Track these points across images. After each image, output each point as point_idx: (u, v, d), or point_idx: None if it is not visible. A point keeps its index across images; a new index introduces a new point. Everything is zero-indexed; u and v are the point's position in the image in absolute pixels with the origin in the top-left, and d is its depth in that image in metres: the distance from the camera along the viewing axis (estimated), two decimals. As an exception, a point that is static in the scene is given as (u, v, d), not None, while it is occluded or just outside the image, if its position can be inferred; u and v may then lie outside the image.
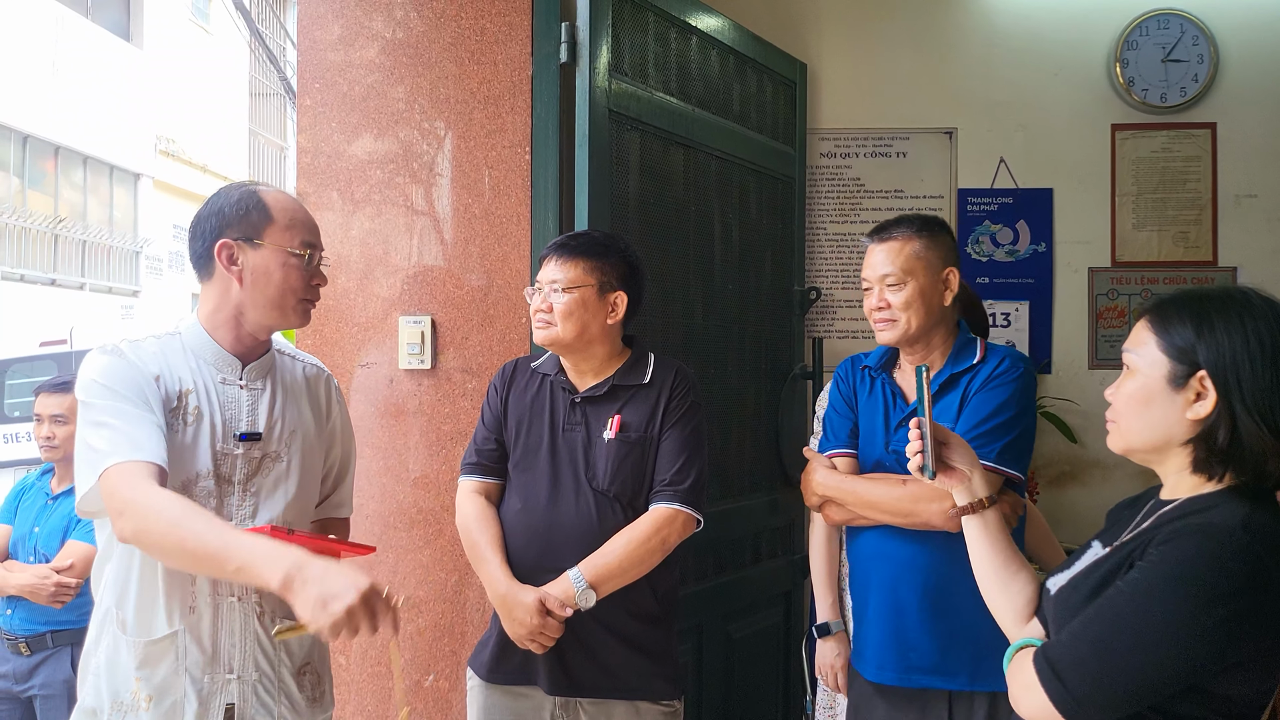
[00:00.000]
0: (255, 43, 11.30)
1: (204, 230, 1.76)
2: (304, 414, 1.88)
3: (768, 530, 3.25)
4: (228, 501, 1.75)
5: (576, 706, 2.07)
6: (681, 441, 2.09)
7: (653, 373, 2.14)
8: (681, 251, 2.88)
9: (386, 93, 2.67)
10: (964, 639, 2.01)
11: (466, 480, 2.17)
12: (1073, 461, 3.68)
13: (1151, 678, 1.22)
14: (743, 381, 3.16)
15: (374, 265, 2.67)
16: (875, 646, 2.11)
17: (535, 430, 2.13)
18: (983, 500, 1.54)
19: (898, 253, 2.06)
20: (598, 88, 2.55)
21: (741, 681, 3.08)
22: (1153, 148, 3.69)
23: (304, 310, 1.81)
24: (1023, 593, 1.51)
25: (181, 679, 1.71)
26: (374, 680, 2.62)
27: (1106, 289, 3.70)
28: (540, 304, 2.10)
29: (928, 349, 2.12)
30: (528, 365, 2.23)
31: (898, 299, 2.05)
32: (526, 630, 1.97)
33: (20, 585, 2.95)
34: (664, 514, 2.04)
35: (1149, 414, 1.34)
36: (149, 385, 1.69)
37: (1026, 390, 2.05)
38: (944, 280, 2.08)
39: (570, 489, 2.07)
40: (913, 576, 2.05)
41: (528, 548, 2.06)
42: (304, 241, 1.78)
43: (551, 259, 2.12)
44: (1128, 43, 3.65)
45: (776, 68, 3.36)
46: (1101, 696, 1.24)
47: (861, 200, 3.71)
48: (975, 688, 2.01)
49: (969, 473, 1.54)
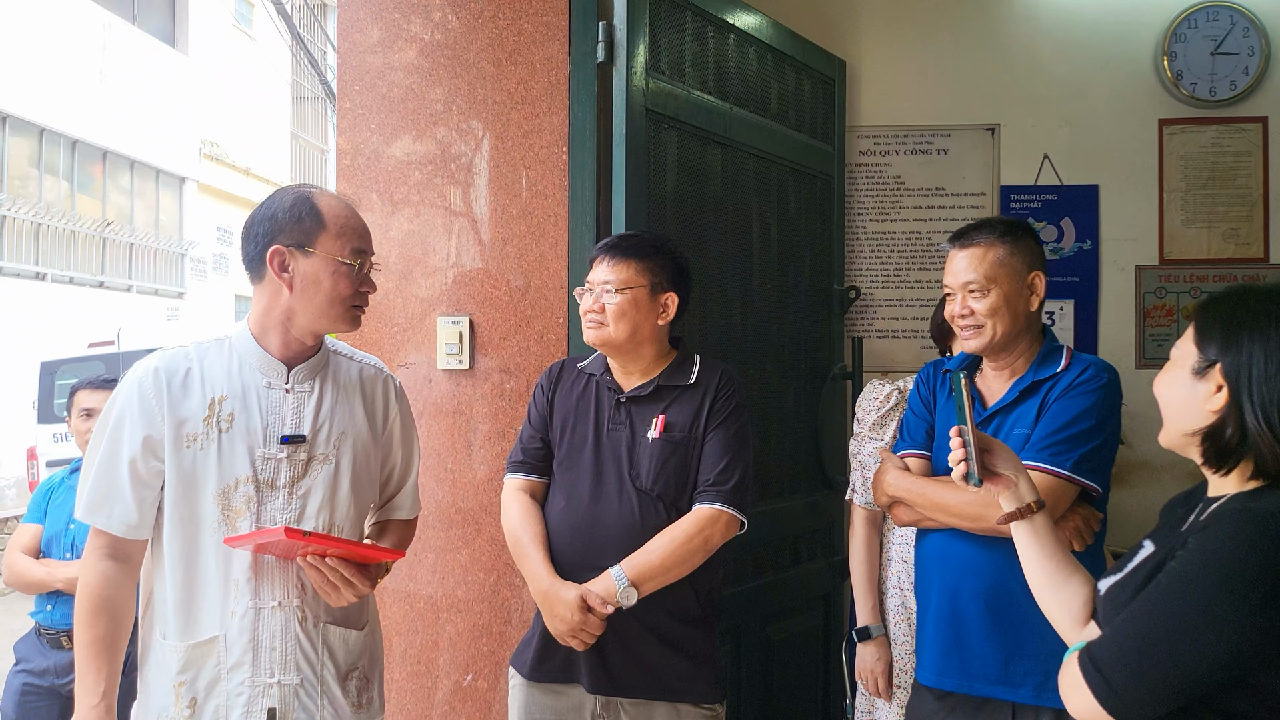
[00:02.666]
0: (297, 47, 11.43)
1: (257, 234, 1.77)
2: (356, 415, 1.88)
3: (807, 532, 3.22)
4: (271, 506, 1.76)
5: (618, 707, 2.06)
6: (726, 442, 2.07)
7: (698, 374, 2.13)
8: (719, 251, 2.86)
9: (425, 94, 2.68)
10: (1029, 650, 1.96)
11: (512, 478, 2.18)
12: (1118, 463, 3.55)
13: (1192, 668, 1.20)
14: (782, 382, 3.14)
15: (413, 266, 2.68)
16: (935, 652, 2.08)
17: (580, 429, 2.13)
18: (1030, 505, 1.52)
19: (980, 259, 2.01)
20: (635, 87, 2.54)
21: (780, 684, 3.05)
22: (1202, 143, 3.62)
23: (353, 316, 1.83)
24: (1077, 596, 1.49)
25: (223, 683, 1.72)
26: (414, 680, 2.63)
27: (1154, 287, 3.63)
28: (592, 304, 2.10)
29: (1012, 356, 2.07)
30: (574, 365, 2.23)
31: (982, 306, 2.00)
32: (568, 626, 1.97)
33: (69, 578, 3.01)
34: (707, 514, 2.03)
35: (1176, 401, 1.37)
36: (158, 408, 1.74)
37: (1110, 400, 1.98)
38: (1029, 285, 2.03)
39: (614, 488, 2.06)
40: (975, 581, 2.01)
41: (571, 545, 2.06)
42: (355, 249, 1.79)
43: (603, 259, 2.12)
44: (1176, 35, 3.58)
45: (815, 65, 3.33)
46: (1144, 690, 1.23)
47: (901, 198, 3.66)
48: (1041, 702, 1.95)
49: (1015, 478, 1.53)
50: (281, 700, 1.75)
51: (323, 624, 1.80)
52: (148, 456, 1.73)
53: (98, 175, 12.97)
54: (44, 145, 11.99)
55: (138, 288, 13.47)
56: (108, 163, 13.07)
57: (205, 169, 14.71)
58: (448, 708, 2.61)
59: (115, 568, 1.75)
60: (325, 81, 12.53)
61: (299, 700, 1.77)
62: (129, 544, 1.76)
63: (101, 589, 1.73)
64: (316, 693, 1.79)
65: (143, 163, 13.59)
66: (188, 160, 14.39)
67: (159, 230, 14.03)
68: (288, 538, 1.64)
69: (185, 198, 14.61)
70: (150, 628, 1.79)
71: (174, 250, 14.34)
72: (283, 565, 1.76)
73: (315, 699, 1.78)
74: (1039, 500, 1.53)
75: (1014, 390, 2.04)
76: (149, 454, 1.73)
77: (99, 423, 1.78)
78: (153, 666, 1.77)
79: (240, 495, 1.74)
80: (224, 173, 15.03)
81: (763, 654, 2.99)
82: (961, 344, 2.09)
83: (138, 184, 13.71)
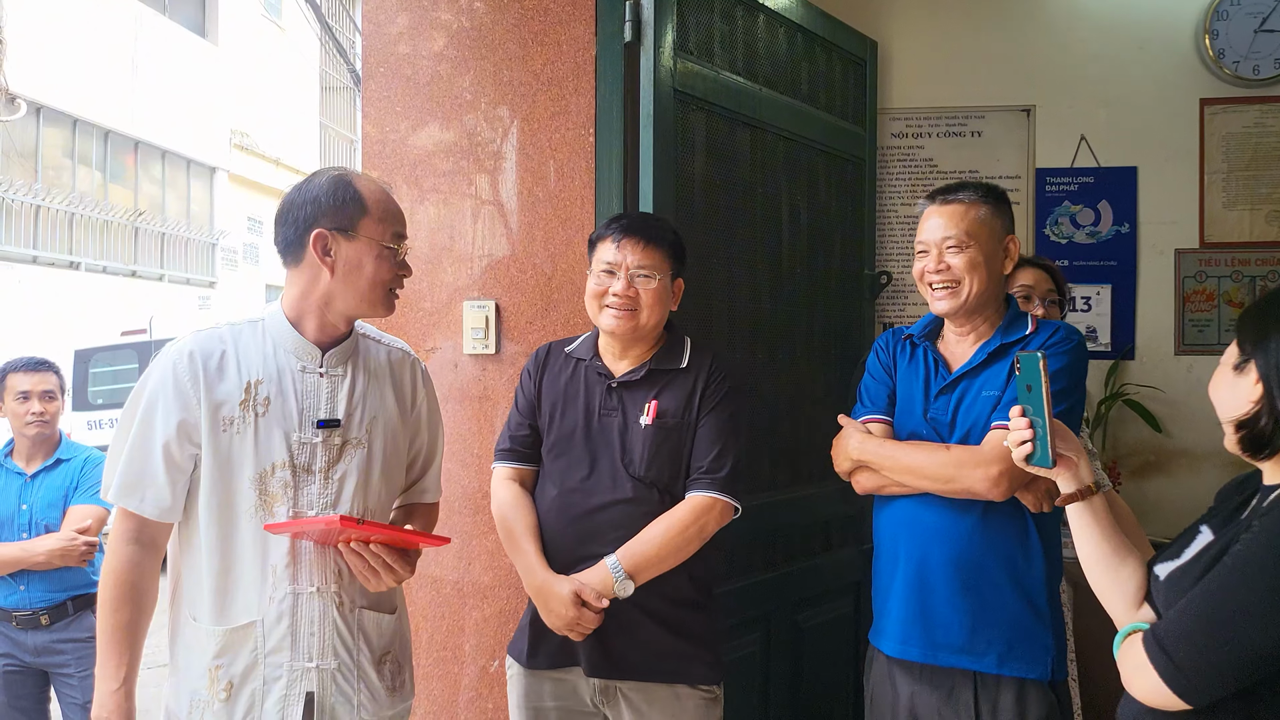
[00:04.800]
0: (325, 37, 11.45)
1: (297, 217, 1.75)
2: (386, 399, 1.87)
3: (838, 518, 3.18)
4: (307, 490, 1.75)
5: (616, 691, 2.04)
6: (719, 428, 2.04)
7: (689, 357, 2.10)
8: (748, 235, 2.82)
9: (453, 81, 2.66)
10: (994, 619, 1.95)
11: (500, 467, 2.15)
12: (1157, 451, 3.53)
13: (1258, 648, 1.23)
14: (812, 367, 3.09)
15: (440, 253, 2.67)
16: (899, 620, 2.05)
17: (570, 415, 2.10)
18: (1090, 486, 1.53)
19: (961, 216, 2.00)
20: (663, 67, 2.50)
21: (810, 672, 3.02)
22: (1244, 123, 3.53)
23: (390, 301, 1.82)
24: (1133, 579, 1.50)
25: (260, 667, 1.72)
26: (440, 665, 2.62)
27: (1194, 271, 3.54)
28: (622, 288, 2.03)
29: (978, 320, 2.05)
30: (561, 349, 2.19)
31: (959, 261, 1.98)
32: (563, 621, 1.95)
33: (51, 550, 3.05)
34: (702, 502, 2.01)
35: (1221, 397, 1.42)
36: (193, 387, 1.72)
37: (1080, 361, 1.98)
38: (1005, 248, 2.02)
39: (607, 475, 2.04)
40: (943, 548, 1.98)
41: (564, 534, 2.04)
42: (395, 234, 1.79)
43: (630, 241, 2.05)
44: (1217, 13, 3.49)
45: (846, 45, 3.28)
46: (1211, 670, 1.26)
47: (934, 181, 3.60)
48: (1003, 671, 1.94)
49: (1076, 459, 1.54)
50: (320, 684, 1.75)
51: (359, 609, 1.81)
52: (182, 440, 1.72)
53: (130, 165, 13.11)
54: (77, 136, 12.13)
55: (169, 277, 13.62)
56: (140, 153, 13.20)
57: (236, 159, 14.83)
58: (474, 693, 2.60)
59: (141, 552, 1.75)
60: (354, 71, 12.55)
61: (336, 684, 1.77)
62: (156, 528, 1.76)
63: (127, 574, 1.73)
64: (354, 676, 1.79)
65: (174, 153, 13.72)
66: (218, 150, 14.51)
67: (190, 220, 14.17)
68: (341, 525, 1.64)
69: (216, 187, 14.75)
70: (179, 610, 1.78)
71: (205, 240, 14.48)
72: (320, 551, 1.76)
73: (352, 683, 1.79)
74: (1099, 482, 1.54)
75: (981, 352, 2.01)
76: (184, 438, 1.72)
77: (128, 404, 1.77)
78: (183, 648, 1.77)
79: (277, 480, 1.73)
80: (254, 163, 15.15)
81: (793, 641, 2.96)
82: (932, 304, 2.05)
83: (169, 174, 13.85)
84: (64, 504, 3.20)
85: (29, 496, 3.19)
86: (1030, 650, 1.94)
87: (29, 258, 11.32)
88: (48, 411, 3.24)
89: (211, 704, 1.72)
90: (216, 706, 1.72)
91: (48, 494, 3.20)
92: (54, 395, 3.27)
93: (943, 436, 2.02)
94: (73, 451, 3.33)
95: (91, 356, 8.97)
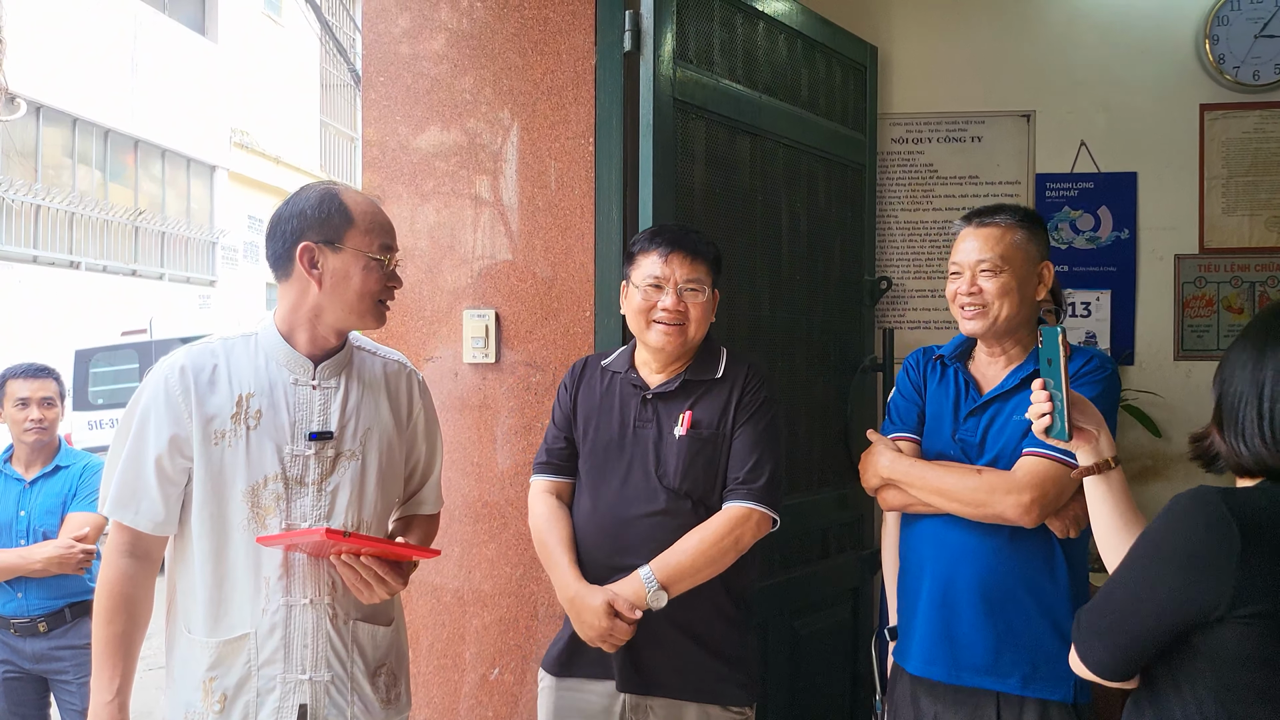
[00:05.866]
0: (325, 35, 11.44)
1: (284, 231, 1.76)
2: (381, 411, 1.87)
3: (836, 525, 3.19)
4: (300, 503, 1.75)
5: (647, 710, 2.03)
6: (755, 438, 2.03)
7: (725, 368, 2.09)
8: (748, 241, 2.82)
9: (452, 84, 2.66)
10: (1019, 640, 1.95)
11: (538, 480, 2.16)
12: (1155, 456, 3.53)
13: (1136, 627, 1.32)
14: (811, 374, 3.10)
15: (440, 259, 2.67)
16: (923, 640, 2.05)
17: (605, 428, 2.09)
18: (1108, 460, 1.54)
19: (998, 240, 2.00)
20: (662, 76, 2.50)
21: (808, 679, 3.02)
22: (1244, 128, 3.52)
23: (379, 312, 1.82)
24: None
25: (254, 679, 1.73)
26: (441, 673, 2.63)
27: (1194, 277, 3.54)
28: (672, 304, 2.02)
29: (1009, 343, 2.05)
30: (597, 363, 2.19)
31: (992, 286, 1.98)
32: (596, 632, 1.95)
33: (49, 557, 3.06)
34: (738, 513, 1.99)
35: None
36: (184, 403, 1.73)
37: (1112, 391, 1.97)
38: (1039, 274, 2.02)
39: (641, 486, 2.03)
40: (970, 569, 1.98)
41: (599, 546, 2.04)
42: (382, 245, 1.79)
43: (677, 256, 2.03)
44: (1218, 18, 3.48)
45: (846, 51, 3.27)
46: (1102, 648, 1.37)
47: (934, 187, 3.60)
48: (1027, 693, 1.94)
49: (1096, 432, 1.55)
50: (313, 697, 1.75)
51: (353, 621, 1.81)
52: (174, 454, 1.73)
53: (130, 164, 13.10)
54: (77, 135, 12.13)
55: (170, 276, 13.62)
56: (139, 152, 13.19)
57: (236, 157, 14.82)
58: (474, 701, 2.60)
59: (136, 565, 1.75)
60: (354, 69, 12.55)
61: (329, 697, 1.77)
62: (151, 541, 1.76)
63: (121, 586, 1.74)
64: (347, 689, 1.79)
65: (174, 151, 13.72)
66: (218, 149, 14.51)
67: (190, 219, 14.16)
68: (327, 538, 1.64)
69: (216, 186, 14.75)
70: (175, 622, 1.79)
71: (205, 238, 14.48)
72: (313, 563, 1.76)
73: (346, 695, 1.79)
74: (1116, 456, 1.55)
75: (1014, 377, 2.01)
76: (175, 452, 1.73)
77: (124, 418, 1.77)
78: (179, 661, 1.78)
79: (269, 493, 1.73)
80: (254, 161, 15.14)
81: (790, 648, 2.96)
82: (962, 324, 2.05)
83: (169, 173, 13.84)
84: (62, 511, 3.21)
85: (27, 503, 3.19)
86: (1054, 672, 1.93)
87: (29, 257, 11.32)
88: (47, 418, 3.25)
89: (206, 716, 1.73)
90: (211, 718, 1.73)
91: (46, 501, 3.21)
92: (53, 402, 3.28)
93: (971, 458, 2.01)
94: (72, 458, 3.34)
95: (92, 356, 8.98)
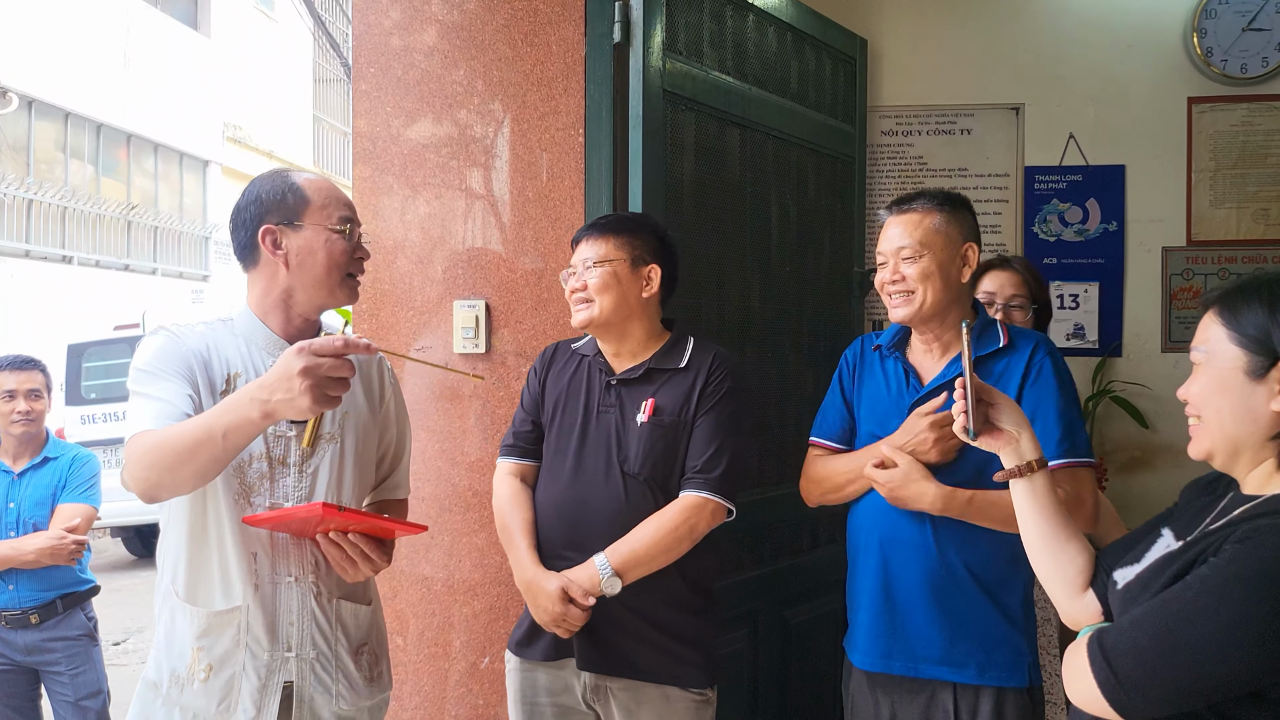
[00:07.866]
0: (318, 30, 11.42)
1: (244, 220, 1.78)
2: (357, 395, 1.89)
3: (825, 516, 3.19)
4: (282, 483, 1.77)
5: (607, 691, 2.05)
6: (715, 428, 2.04)
7: (690, 356, 2.10)
8: (738, 233, 2.84)
9: (443, 76, 2.67)
10: (972, 629, 1.95)
11: (503, 461, 2.18)
12: (1144, 447, 3.56)
13: (1211, 677, 1.15)
14: (800, 365, 3.11)
15: (430, 250, 2.68)
16: (870, 631, 2.05)
17: (570, 412, 2.12)
18: (1031, 464, 1.46)
19: (916, 225, 2.00)
20: (652, 68, 2.51)
21: (798, 668, 3.04)
22: (1232, 121, 3.55)
23: (350, 286, 1.83)
24: (1074, 562, 1.44)
25: (242, 652, 1.73)
26: (430, 661, 2.64)
27: (1181, 269, 3.57)
28: (576, 284, 2.09)
29: (942, 328, 2.04)
30: (568, 347, 2.22)
31: (913, 271, 1.98)
32: (550, 616, 1.97)
33: (40, 549, 3.07)
34: (693, 502, 2.01)
35: (1228, 409, 1.26)
36: (194, 360, 1.72)
37: (1069, 373, 2.00)
38: (963, 256, 2.01)
39: (601, 471, 2.05)
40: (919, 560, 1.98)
41: (557, 528, 2.06)
42: (342, 217, 1.80)
43: (583, 240, 2.12)
44: (1206, 11, 3.50)
45: (835, 44, 3.29)
46: (1156, 690, 1.18)
47: (924, 179, 3.62)
48: (984, 681, 1.95)
49: (1016, 434, 1.46)
50: (298, 674, 1.76)
51: (336, 599, 1.82)
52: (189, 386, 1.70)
53: (122, 159, 13.07)
54: (69, 129, 12.09)
55: (163, 270, 13.59)
56: (132, 146, 13.16)
57: (228, 152, 14.78)
58: (464, 689, 2.62)
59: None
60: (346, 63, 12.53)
61: (315, 674, 1.78)
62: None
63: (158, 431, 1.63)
64: (331, 666, 1.80)
65: (166, 146, 13.68)
66: (211, 143, 14.47)
67: (183, 213, 14.13)
68: (325, 514, 1.64)
69: (209, 180, 14.71)
70: (165, 585, 1.78)
71: (198, 233, 14.44)
72: (297, 542, 1.77)
73: (330, 672, 1.80)
74: (1040, 459, 1.46)
75: (952, 368, 2.00)
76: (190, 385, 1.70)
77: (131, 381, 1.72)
78: (167, 622, 1.77)
79: (254, 471, 1.75)
80: (247, 155, 15.09)
81: (780, 638, 2.98)
82: (891, 313, 2.05)
83: (162, 167, 13.81)
84: (52, 502, 3.22)
85: (17, 495, 3.20)
86: (1010, 659, 1.95)
87: (21, 252, 11.29)
88: (34, 410, 3.25)
89: (191, 683, 1.73)
90: (196, 686, 1.73)
91: (36, 492, 3.21)
92: (40, 394, 3.28)
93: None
94: (60, 450, 3.34)
95: (84, 351, 8.96)
